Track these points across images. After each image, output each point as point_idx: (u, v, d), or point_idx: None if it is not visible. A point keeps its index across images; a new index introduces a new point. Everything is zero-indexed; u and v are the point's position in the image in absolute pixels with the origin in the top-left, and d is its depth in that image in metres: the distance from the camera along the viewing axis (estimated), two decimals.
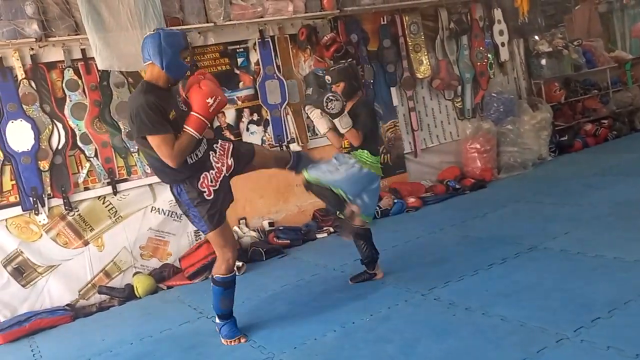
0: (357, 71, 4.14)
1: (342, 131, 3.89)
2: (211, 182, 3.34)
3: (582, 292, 3.27)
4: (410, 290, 3.80)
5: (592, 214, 4.72)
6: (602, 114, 8.26)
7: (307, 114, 4.13)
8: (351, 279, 4.21)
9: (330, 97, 3.80)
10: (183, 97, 3.40)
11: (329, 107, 3.81)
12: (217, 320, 3.59)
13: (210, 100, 3.20)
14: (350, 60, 4.26)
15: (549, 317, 3.02)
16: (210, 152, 3.40)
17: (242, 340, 3.52)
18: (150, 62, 3.18)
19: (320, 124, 3.99)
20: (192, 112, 3.21)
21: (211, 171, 3.35)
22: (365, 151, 3.90)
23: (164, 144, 3.12)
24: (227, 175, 3.43)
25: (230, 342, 3.52)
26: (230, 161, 3.44)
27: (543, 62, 7.74)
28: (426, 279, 3.93)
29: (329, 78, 4.06)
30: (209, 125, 3.34)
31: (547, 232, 4.43)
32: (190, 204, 3.33)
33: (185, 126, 3.19)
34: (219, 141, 3.52)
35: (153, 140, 3.12)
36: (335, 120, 3.85)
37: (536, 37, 7.83)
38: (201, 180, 3.31)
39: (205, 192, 3.31)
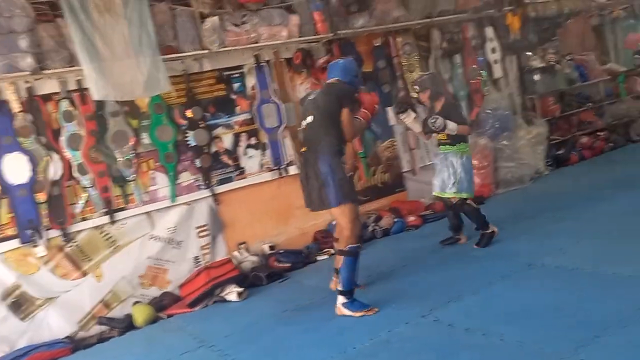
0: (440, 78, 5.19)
1: (453, 133, 4.79)
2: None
3: (579, 309, 3.25)
4: (410, 311, 3.78)
5: (591, 229, 4.71)
6: (597, 127, 8.30)
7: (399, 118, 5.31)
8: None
9: (433, 119, 4.73)
10: None
11: (435, 126, 4.73)
12: (343, 300, 3.91)
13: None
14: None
15: (547, 336, 3.00)
16: None
17: (375, 310, 3.87)
18: (337, 78, 4.06)
19: (415, 127, 5.11)
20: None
21: None
22: (462, 143, 4.91)
23: (351, 118, 3.93)
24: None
25: (364, 312, 3.86)
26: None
27: (536, 77, 7.80)
28: (427, 299, 3.92)
29: (417, 87, 5.07)
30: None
31: (545, 248, 4.42)
32: (335, 175, 3.86)
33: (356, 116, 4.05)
34: None
35: (346, 113, 3.89)
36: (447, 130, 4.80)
37: (528, 53, 7.89)
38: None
39: (348, 170, 4.04)
